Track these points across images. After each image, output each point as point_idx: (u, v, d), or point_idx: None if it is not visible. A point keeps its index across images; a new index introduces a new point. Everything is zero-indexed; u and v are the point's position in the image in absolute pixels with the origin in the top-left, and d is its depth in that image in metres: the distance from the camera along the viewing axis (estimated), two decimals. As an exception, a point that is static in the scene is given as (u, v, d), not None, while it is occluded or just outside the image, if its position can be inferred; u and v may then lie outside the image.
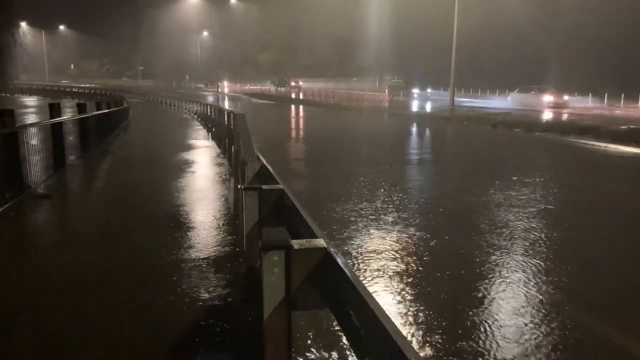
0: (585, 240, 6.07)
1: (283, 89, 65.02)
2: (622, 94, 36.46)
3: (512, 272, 4.79)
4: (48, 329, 3.58)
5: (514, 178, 9.64)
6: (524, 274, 4.74)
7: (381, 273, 4.67)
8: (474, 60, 46.50)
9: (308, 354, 3.28)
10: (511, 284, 4.48)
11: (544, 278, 4.65)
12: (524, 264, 4.99)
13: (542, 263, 5.02)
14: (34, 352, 3.35)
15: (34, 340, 3.47)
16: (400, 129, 23.15)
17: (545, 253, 5.35)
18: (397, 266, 4.84)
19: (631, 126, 18.16)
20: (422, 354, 3.29)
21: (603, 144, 16.01)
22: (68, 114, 11.91)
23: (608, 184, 9.85)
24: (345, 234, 5.90)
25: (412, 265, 4.90)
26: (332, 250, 2.34)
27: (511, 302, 4.12)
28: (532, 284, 4.51)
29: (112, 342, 3.41)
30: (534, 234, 5.99)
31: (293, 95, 54.11)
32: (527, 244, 5.62)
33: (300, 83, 66.54)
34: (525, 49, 49.00)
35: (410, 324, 3.72)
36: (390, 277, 4.59)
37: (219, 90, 67.13)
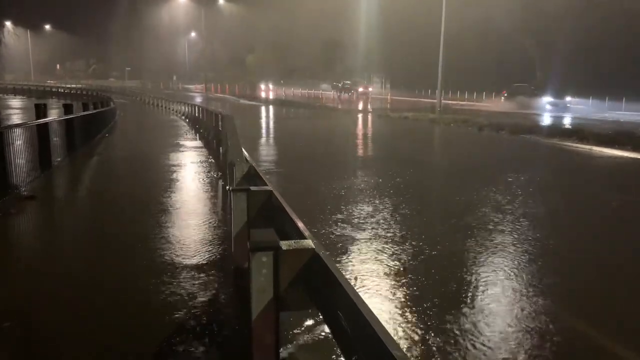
0: None
1: (347, 95, 51.90)
2: None
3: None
4: (32, 335, 3.56)
5: None
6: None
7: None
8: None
9: (296, 354, 3.30)
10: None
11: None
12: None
13: None
14: (21, 352, 3.34)
15: (17, 346, 3.45)
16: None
17: None
18: None
19: None
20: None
21: None
22: (54, 115, 11.80)
23: None
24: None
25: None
26: (320, 251, 2.37)
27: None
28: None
29: (99, 344, 3.41)
30: None
31: (360, 105, 39.49)
32: None
33: (370, 89, 53.85)
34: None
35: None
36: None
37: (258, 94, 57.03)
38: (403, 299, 4.16)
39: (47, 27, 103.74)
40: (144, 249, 5.26)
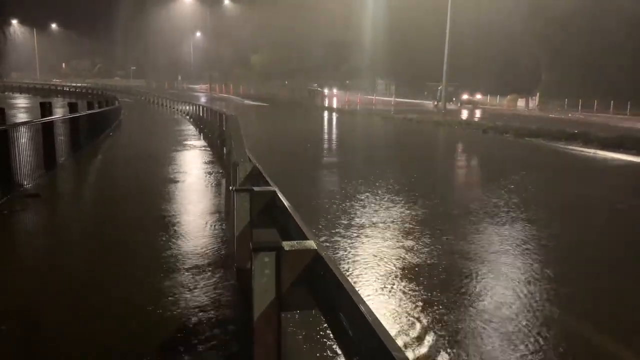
0: None
1: (449, 104, 40.13)
2: None
3: None
4: (36, 331, 3.57)
5: None
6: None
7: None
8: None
9: (297, 354, 3.30)
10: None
11: None
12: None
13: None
14: (21, 353, 3.35)
15: (21, 342, 3.46)
16: None
17: None
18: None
19: None
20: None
21: None
22: (59, 114, 11.84)
23: None
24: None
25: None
26: (322, 251, 2.37)
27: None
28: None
29: (102, 342, 3.42)
30: None
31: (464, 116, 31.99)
32: None
33: (478, 96, 44.16)
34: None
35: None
36: None
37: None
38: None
39: (53, 25, 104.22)
40: (146, 248, 5.27)
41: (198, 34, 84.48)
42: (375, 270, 4.87)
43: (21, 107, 30.94)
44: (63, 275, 4.57)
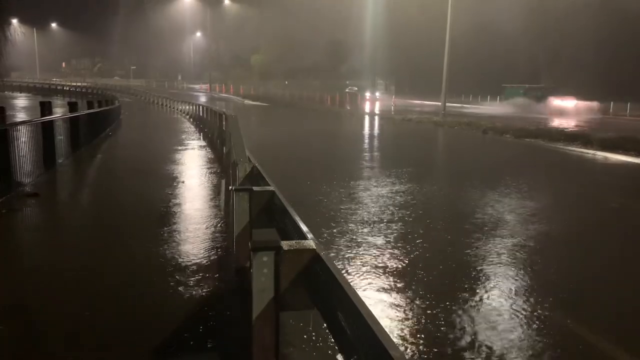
0: None
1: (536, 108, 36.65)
2: None
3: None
4: (35, 331, 3.58)
5: None
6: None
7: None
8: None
9: (295, 354, 3.30)
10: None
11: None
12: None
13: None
14: (20, 350, 3.35)
15: (19, 339, 3.46)
16: None
17: None
18: None
19: None
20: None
21: None
22: (59, 113, 11.83)
23: None
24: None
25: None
26: (320, 251, 2.37)
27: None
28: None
29: (101, 341, 3.42)
30: None
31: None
32: None
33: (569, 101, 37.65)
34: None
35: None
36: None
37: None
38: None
39: (54, 25, 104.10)
40: (145, 247, 5.27)
41: (198, 33, 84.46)
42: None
43: (21, 107, 30.92)
44: (62, 275, 4.56)
